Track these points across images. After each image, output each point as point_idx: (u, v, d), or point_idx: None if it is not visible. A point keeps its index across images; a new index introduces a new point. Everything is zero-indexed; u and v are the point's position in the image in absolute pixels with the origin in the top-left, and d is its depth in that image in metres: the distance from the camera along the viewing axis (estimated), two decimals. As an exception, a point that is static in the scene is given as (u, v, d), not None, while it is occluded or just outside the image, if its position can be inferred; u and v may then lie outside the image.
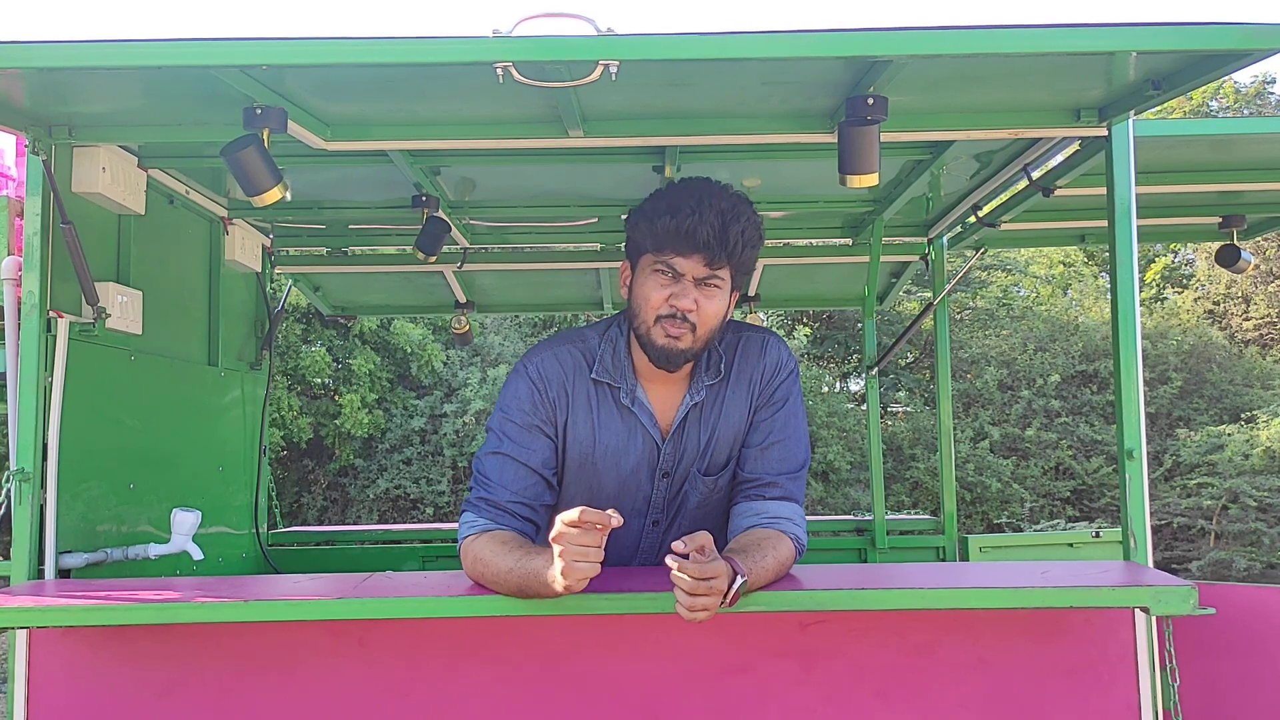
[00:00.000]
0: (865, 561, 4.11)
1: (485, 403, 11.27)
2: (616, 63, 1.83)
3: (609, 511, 1.75)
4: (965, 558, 4.01)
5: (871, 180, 2.16)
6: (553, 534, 1.78)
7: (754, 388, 2.19)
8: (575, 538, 1.75)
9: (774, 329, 13.89)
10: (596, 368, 2.15)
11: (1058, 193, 3.03)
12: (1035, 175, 3.06)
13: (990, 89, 2.24)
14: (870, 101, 2.10)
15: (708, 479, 2.20)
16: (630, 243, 2.13)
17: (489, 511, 2.07)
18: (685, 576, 1.75)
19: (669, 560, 1.76)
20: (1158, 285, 17.78)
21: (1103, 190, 2.39)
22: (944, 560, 4.05)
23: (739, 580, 1.84)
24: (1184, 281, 17.83)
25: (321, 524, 11.18)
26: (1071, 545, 4.19)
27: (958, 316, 15.04)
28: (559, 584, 1.80)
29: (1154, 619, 2.13)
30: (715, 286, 2.04)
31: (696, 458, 2.19)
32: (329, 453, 11.57)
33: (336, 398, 11.29)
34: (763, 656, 2.14)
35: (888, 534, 4.14)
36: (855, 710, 2.13)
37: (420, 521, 11.15)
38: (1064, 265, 16.59)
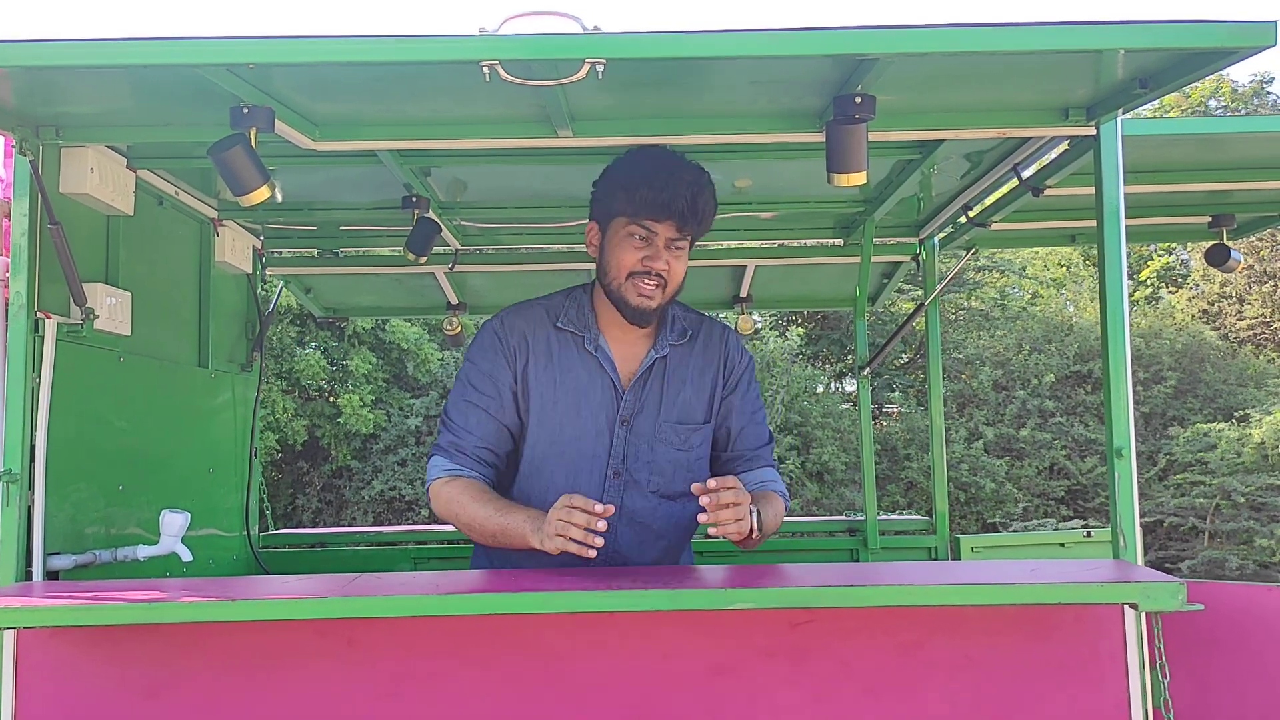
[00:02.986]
0: (857, 561, 4.10)
1: (481, 404, 11.23)
2: (603, 61, 1.83)
3: (604, 507, 2.01)
4: (957, 557, 4.00)
5: (859, 179, 2.16)
6: (554, 508, 2.04)
7: (721, 369, 2.42)
8: (569, 515, 2.00)
9: (767, 329, 13.91)
10: (561, 319, 2.37)
11: (1048, 192, 3.03)
12: (1025, 175, 3.06)
13: (978, 88, 2.24)
14: (858, 100, 2.09)
15: (681, 427, 2.36)
16: (600, 206, 2.34)
17: (458, 457, 2.29)
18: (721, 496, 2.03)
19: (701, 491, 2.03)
20: (1154, 285, 17.82)
21: (1092, 190, 2.39)
22: (936, 560, 4.05)
23: (753, 511, 2.11)
24: (1179, 281, 17.87)
25: (316, 526, 11.16)
26: (1063, 545, 4.20)
27: (953, 317, 15.06)
28: (539, 541, 2.07)
29: (1143, 616, 2.13)
30: (681, 249, 2.29)
31: (662, 408, 2.36)
32: (324, 454, 11.55)
33: (332, 399, 11.26)
34: (752, 655, 2.14)
35: (880, 534, 4.13)
36: (845, 709, 2.13)
37: (415, 523, 11.13)
38: (1062, 267, 16.62)
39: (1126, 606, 2.13)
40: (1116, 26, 1.84)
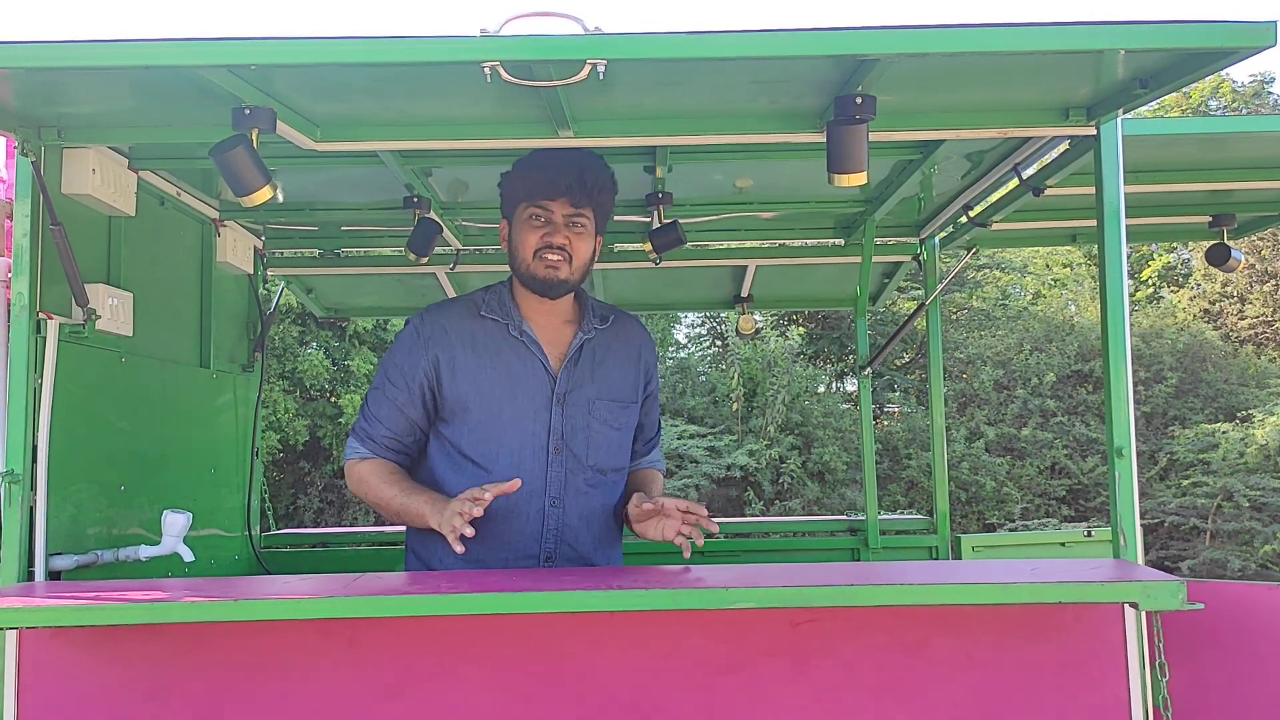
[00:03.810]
0: (858, 561, 4.11)
1: (481, 404, 11.24)
2: (604, 61, 1.83)
3: (511, 483, 2.21)
4: (958, 557, 4.01)
5: (860, 179, 2.16)
6: (459, 498, 2.20)
7: (640, 359, 2.61)
8: (460, 507, 2.17)
9: (768, 329, 13.91)
10: (484, 309, 2.50)
11: (1048, 192, 3.03)
12: (1026, 175, 3.06)
13: (978, 88, 2.25)
14: (859, 100, 2.10)
15: (613, 404, 2.52)
16: (505, 202, 2.50)
17: (369, 444, 2.48)
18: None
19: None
20: (1155, 284, 17.80)
21: (1093, 189, 2.39)
22: (937, 560, 4.05)
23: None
24: (1180, 281, 17.86)
25: (318, 526, 11.16)
26: (1064, 545, 4.20)
27: (954, 317, 15.05)
28: (437, 522, 2.25)
29: (1143, 615, 2.13)
30: (582, 226, 2.44)
31: (595, 386, 2.50)
32: (326, 454, 11.55)
33: (334, 399, 11.26)
34: (754, 655, 2.14)
35: (881, 534, 4.14)
36: (846, 709, 2.13)
37: (416, 523, 11.08)
38: (1065, 268, 16.61)
39: (1127, 606, 2.13)
40: (1117, 27, 1.84)
